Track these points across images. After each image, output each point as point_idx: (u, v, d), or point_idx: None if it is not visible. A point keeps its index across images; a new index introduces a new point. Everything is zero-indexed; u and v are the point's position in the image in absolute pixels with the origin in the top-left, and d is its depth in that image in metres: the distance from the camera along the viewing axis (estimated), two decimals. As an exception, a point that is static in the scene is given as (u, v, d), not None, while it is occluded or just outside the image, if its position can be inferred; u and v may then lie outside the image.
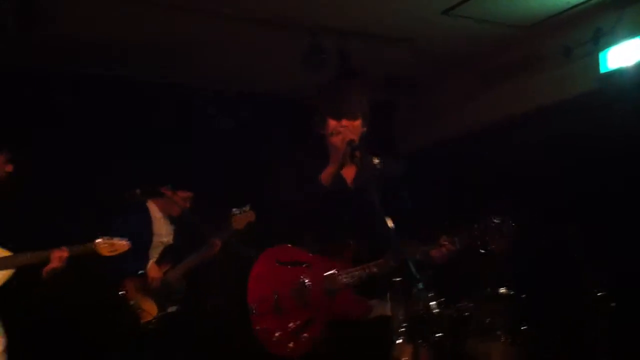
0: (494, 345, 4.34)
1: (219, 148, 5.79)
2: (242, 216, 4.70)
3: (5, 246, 3.93)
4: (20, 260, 3.87)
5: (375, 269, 3.10)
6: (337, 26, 5.10)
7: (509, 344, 4.34)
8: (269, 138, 5.87)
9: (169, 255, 4.76)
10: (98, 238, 4.15)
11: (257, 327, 3.14)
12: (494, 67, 5.77)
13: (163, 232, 4.85)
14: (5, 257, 3.83)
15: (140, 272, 4.55)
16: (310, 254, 3.21)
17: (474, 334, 4.32)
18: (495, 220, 3.21)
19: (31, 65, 5.19)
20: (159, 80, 5.68)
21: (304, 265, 3.18)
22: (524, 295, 4.38)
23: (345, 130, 3.12)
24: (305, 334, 3.10)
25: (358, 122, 3.17)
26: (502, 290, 4.40)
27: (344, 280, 3.11)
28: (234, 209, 4.69)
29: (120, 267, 4.44)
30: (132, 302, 4.46)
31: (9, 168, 4.01)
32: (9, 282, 3.84)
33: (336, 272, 3.13)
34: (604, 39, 4.88)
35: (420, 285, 4.07)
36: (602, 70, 4.98)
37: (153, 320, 4.46)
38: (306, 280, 3.14)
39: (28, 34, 4.38)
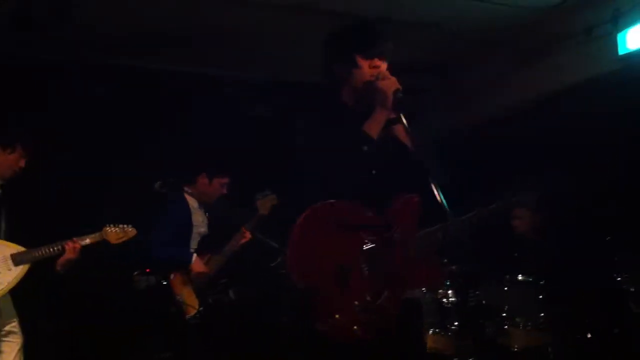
0: (515, 332, 4.37)
1: (251, 136, 5.78)
2: (265, 200, 4.69)
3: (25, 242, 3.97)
4: (35, 254, 3.89)
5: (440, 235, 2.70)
6: (366, 12, 5.10)
7: (530, 331, 4.37)
8: (300, 125, 5.86)
9: (206, 246, 4.77)
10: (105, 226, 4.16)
11: (314, 309, 2.56)
12: (520, 48, 5.71)
13: (200, 222, 4.84)
14: (22, 252, 3.87)
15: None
16: (371, 213, 2.69)
17: (494, 321, 4.36)
18: (517, 198, 3.01)
19: (60, 56, 5.18)
20: (189, 70, 5.68)
21: (370, 228, 2.68)
22: (542, 282, 4.39)
23: (387, 74, 2.79)
24: (374, 313, 2.57)
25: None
26: (521, 277, 4.42)
27: (421, 242, 2.71)
28: (257, 195, 4.68)
29: (165, 260, 4.49)
30: (178, 297, 4.48)
31: (22, 163, 4.03)
32: (24, 278, 3.86)
33: (412, 234, 2.69)
34: (622, 19, 4.81)
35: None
36: (621, 51, 4.90)
37: (197, 315, 4.48)
38: (377, 247, 2.64)
39: (61, 25, 4.46)
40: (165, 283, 4.48)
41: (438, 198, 2.51)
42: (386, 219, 2.70)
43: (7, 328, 3.87)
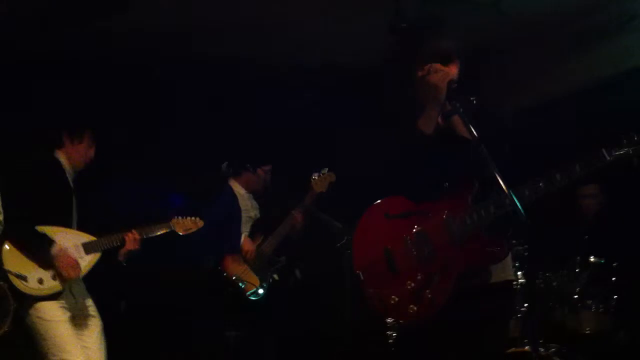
0: (585, 315, 4.29)
1: (300, 120, 5.78)
2: (322, 178, 4.73)
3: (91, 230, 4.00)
4: (102, 243, 3.94)
5: (493, 210, 2.66)
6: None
7: (601, 313, 4.30)
8: (349, 109, 5.84)
9: (259, 228, 4.87)
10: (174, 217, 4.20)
11: (370, 292, 2.75)
12: (578, 31, 5.60)
13: (249, 207, 4.95)
14: (93, 241, 3.93)
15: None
16: (424, 202, 2.78)
17: (564, 304, 4.29)
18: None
19: (117, 50, 5.21)
20: (238, 56, 5.65)
21: (418, 215, 2.77)
22: (615, 264, 4.30)
23: (442, 67, 2.80)
24: (428, 293, 2.66)
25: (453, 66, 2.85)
26: (593, 258, 4.33)
27: (471, 219, 2.69)
28: (313, 174, 4.72)
29: (218, 246, 4.59)
30: (233, 277, 4.60)
31: (92, 153, 4.06)
32: (96, 265, 3.91)
33: (462, 213, 2.71)
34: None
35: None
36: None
37: (258, 291, 4.59)
38: (425, 229, 2.73)
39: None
40: (219, 267, 4.63)
41: (504, 190, 2.49)
42: (439, 207, 2.74)
43: (85, 313, 3.92)
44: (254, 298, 4.60)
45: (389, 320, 2.74)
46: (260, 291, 4.62)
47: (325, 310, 4.99)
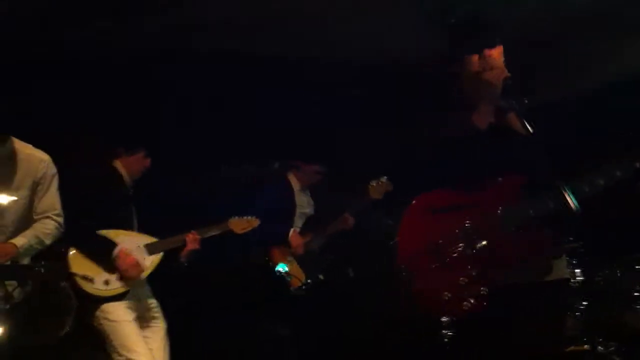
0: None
1: (351, 119, 5.76)
2: (379, 186, 4.84)
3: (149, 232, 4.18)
4: (164, 244, 4.11)
5: (546, 204, 2.63)
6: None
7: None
8: (395, 106, 5.79)
9: (311, 225, 5.01)
10: (231, 217, 4.37)
11: (420, 290, 2.70)
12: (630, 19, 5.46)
13: (304, 203, 5.10)
14: (155, 243, 4.09)
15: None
16: (472, 194, 2.75)
17: (624, 302, 4.19)
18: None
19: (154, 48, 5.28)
20: (281, 55, 5.65)
21: (467, 208, 2.73)
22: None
23: (497, 63, 2.80)
24: (482, 288, 2.62)
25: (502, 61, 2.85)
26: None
27: (523, 213, 2.66)
28: (371, 181, 4.83)
29: (268, 236, 4.70)
30: (280, 269, 4.72)
31: (147, 163, 4.30)
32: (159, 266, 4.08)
33: (514, 207, 2.68)
34: None
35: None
36: None
37: (303, 287, 4.69)
38: (475, 223, 2.69)
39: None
40: (267, 259, 4.79)
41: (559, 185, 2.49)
42: (488, 200, 2.71)
43: (149, 314, 4.04)
44: (298, 294, 4.66)
45: (444, 319, 2.73)
46: (304, 288, 4.70)
47: (377, 309, 4.98)
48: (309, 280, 4.76)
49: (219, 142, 5.49)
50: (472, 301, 2.62)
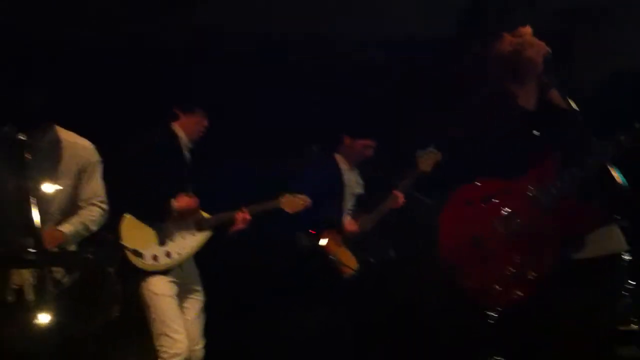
0: None
1: (394, 95, 5.68)
2: (427, 157, 4.62)
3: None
4: (213, 221, 4.14)
5: (576, 172, 2.59)
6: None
7: None
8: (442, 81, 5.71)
9: (361, 206, 4.85)
10: (281, 195, 4.30)
11: (469, 285, 2.69)
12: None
13: (352, 182, 4.91)
14: (203, 219, 4.13)
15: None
16: (504, 180, 2.73)
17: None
18: None
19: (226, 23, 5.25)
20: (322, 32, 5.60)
21: (501, 195, 2.71)
22: None
23: (535, 40, 2.74)
24: (531, 274, 2.60)
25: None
26: None
27: (555, 188, 2.62)
28: (418, 150, 4.63)
29: (317, 221, 4.59)
30: (332, 257, 4.60)
31: (205, 122, 4.25)
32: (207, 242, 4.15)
33: (547, 183, 2.64)
34: None
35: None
36: None
37: (355, 274, 4.58)
38: (512, 209, 2.67)
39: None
40: (320, 243, 4.62)
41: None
42: (521, 183, 2.68)
43: (191, 287, 4.13)
44: (348, 280, 4.59)
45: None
46: (356, 274, 4.60)
47: (420, 291, 4.94)
48: (359, 265, 4.62)
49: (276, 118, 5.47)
50: (520, 291, 2.60)
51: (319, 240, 4.61)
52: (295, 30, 5.47)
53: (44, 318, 3.20)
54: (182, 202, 4.03)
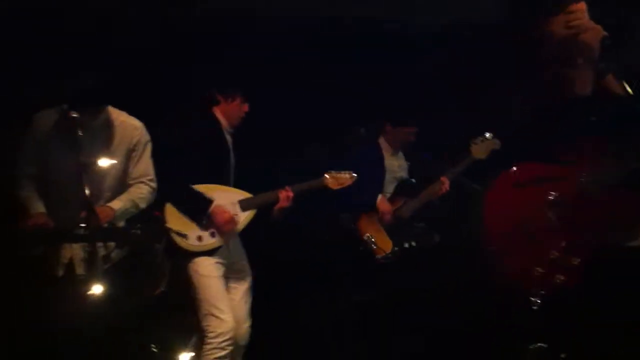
0: None
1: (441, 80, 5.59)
2: (483, 145, 4.56)
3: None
4: (257, 200, 4.16)
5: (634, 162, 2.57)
6: None
7: None
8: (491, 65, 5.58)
9: (403, 190, 4.86)
10: (326, 173, 4.28)
11: (508, 267, 2.69)
12: None
13: (395, 167, 4.94)
14: (248, 199, 4.15)
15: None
16: (555, 165, 2.72)
17: None
18: None
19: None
20: (368, 16, 5.53)
21: (550, 179, 2.70)
22: None
23: (590, 24, 2.66)
24: (576, 259, 2.59)
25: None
26: None
27: (606, 175, 2.60)
28: (473, 139, 4.57)
29: (356, 203, 4.61)
30: (365, 236, 4.65)
31: (246, 108, 4.25)
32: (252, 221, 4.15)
33: (598, 170, 2.61)
34: None
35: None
36: None
37: (389, 255, 4.61)
38: (561, 193, 2.65)
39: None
40: (354, 225, 4.68)
41: None
42: (571, 168, 2.67)
43: (237, 266, 4.18)
44: (384, 261, 4.60)
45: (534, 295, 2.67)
46: (391, 256, 4.60)
47: (464, 277, 4.91)
48: (396, 248, 4.62)
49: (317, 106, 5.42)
50: (563, 276, 2.59)
51: (356, 221, 4.67)
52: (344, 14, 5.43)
53: (92, 292, 3.29)
54: (219, 215, 4.02)
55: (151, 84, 4.81)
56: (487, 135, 4.55)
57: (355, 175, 4.26)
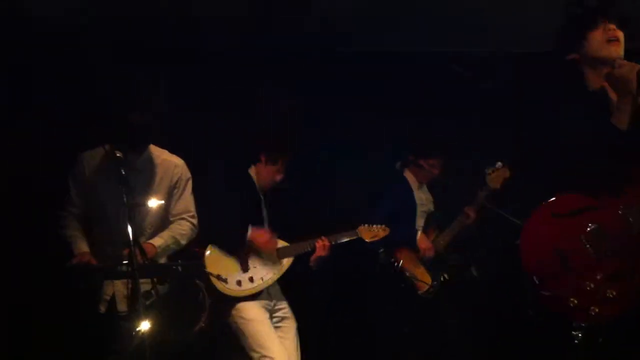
0: None
1: (476, 109, 5.58)
2: (496, 174, 4.59)
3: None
4: (294, 249, 4.25)
5: None
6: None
7: None
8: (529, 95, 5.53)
9: (433, 223, 4.91)
10: (360, 225, 4.38)
11: (546, 295, 2.68)
12: None
13: (423, 200, 4.97)
14: (285, 247, 4.25)
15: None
16: (594, 197, 2.70)
17: None
18: None
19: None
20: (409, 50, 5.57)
21: (590, 210, 2.69)
22: None
23: (625, 62, 2.69)
24: (612, 291, 2.59)
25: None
26: None
27: None
28: (486, 168, 4.62)
29: (392, 238, 4.59)
30: (407, 274, 4.66)
31: (279, 177, 4.38)
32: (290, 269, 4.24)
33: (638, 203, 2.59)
34: None
35: None
36: None
37: (430, 290, 4.63)
38: (600, 225, 2.65)
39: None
40: (394, 261, 4.68)
41: None
42: (611, 200, 2.66)
43: (280, 314, 4.20)
44: (425, 296, 4.63)
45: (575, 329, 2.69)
46: (432, 290, 4.64)
47: (500, 310, 4.86)
48: (434, 282, 4.65)
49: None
50: (598, 308, 2.59)
51: (394, 256, 4.68)
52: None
53: (134, 328, 3.32)
54: (259, 237, 4.15)
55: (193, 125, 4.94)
56: (498, 164, 4.60)
57: (387, 228, 4.37)
